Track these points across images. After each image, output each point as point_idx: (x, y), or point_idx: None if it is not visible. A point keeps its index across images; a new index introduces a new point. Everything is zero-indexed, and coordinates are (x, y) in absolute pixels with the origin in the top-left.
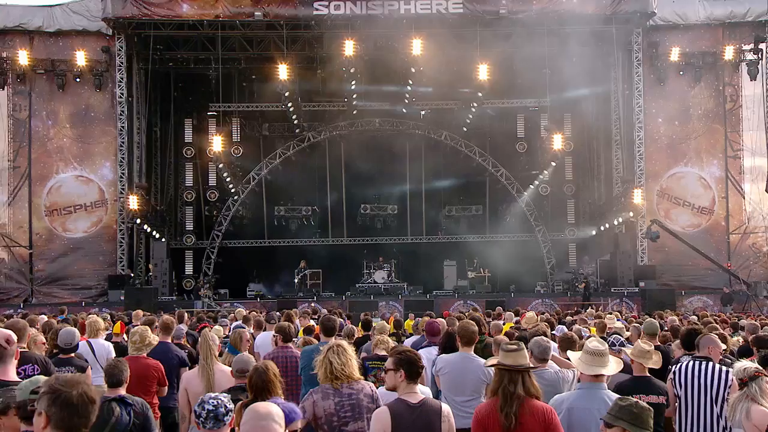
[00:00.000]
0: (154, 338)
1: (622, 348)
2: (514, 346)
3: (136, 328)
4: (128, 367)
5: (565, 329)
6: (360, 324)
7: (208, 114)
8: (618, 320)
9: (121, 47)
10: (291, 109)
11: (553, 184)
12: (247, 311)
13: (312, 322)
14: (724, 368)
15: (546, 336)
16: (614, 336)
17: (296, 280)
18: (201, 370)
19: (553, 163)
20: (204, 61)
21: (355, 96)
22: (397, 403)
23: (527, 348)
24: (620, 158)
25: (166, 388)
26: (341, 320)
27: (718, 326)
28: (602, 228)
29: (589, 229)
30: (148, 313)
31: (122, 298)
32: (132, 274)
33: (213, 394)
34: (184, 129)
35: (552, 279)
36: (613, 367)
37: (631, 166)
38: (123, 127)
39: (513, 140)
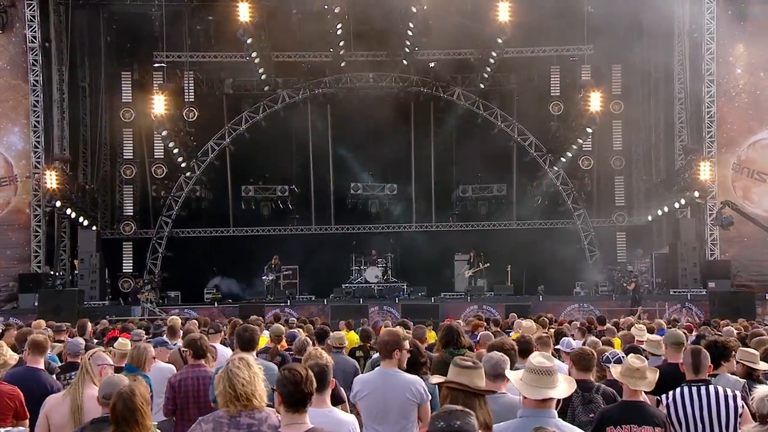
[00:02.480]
0: (13, 356)
1: (617, 365)
2: (470, 363)
3: None
4: None
5: (572, 342)
6: (316, 335)
7: (153, 66)
8: (660, 331)
9: None
10: (257, 61)
11: (598, 155)
12: (193, 319)
13: (265, 333)
14: (729, 392)
15: (513, 350)
16: (612, 351)
17: (265, 280)
18: (67, 395)
19: (590, 129)
20: None
21: (341, 44)
22: None
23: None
24: (685, 121)
25: (27, 421)
26: (293, 331)
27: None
28: (660, 212)
29: (643, 214)
30: (63, 324)
31: (36, 303)
32: (51, 273)
33: (2, 430)
34: (121, 85)
35: (594, 277)
36: (563, 388)
37: (699, 132)
38: (37, 81)
39: (545, 100)
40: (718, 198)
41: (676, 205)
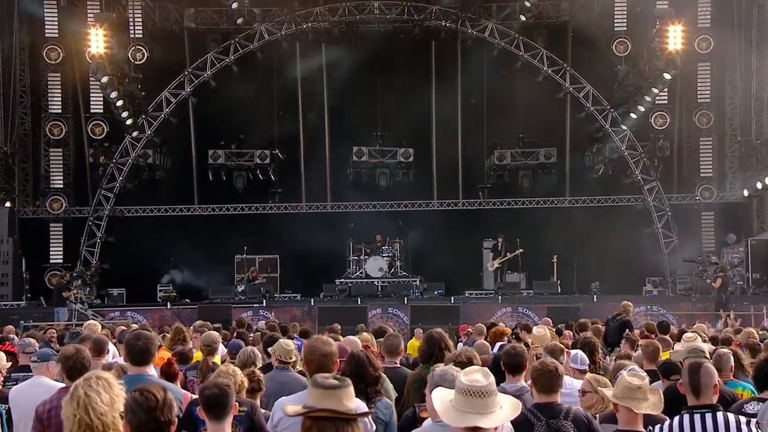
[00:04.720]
0: None
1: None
2: (334, 381)
3: None
4: None
5: (586, 358)
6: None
7: None
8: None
9: None
10: None
11: (678, 110)
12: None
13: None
14: (742, 419)
15: (473, 362)
16: (631, 368)
17: (240, 281)
18: None
19: (667, 75)
20: None
21: None
22: None
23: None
24: None
25: None
26: (237, 341)
27: None
28: (760, 185)
29: (737, 188)
30: None
31: None
32: None
33: None
34: (44, 14)
35: (672, 272)
36: (500, 415)
37: None
38: None
39: (607, 38)
40: None
41: None
